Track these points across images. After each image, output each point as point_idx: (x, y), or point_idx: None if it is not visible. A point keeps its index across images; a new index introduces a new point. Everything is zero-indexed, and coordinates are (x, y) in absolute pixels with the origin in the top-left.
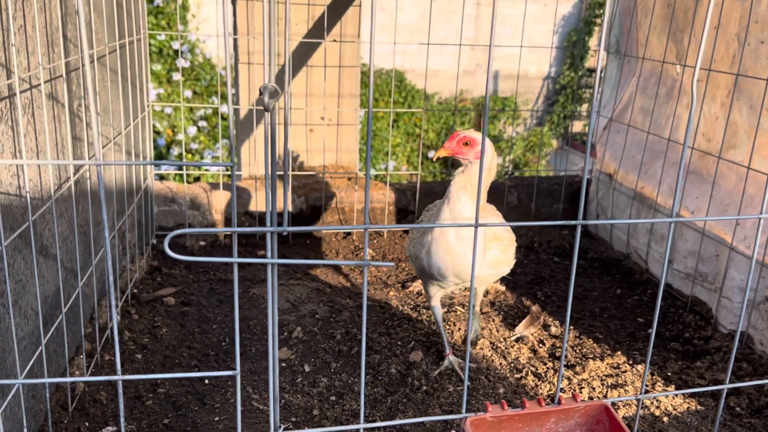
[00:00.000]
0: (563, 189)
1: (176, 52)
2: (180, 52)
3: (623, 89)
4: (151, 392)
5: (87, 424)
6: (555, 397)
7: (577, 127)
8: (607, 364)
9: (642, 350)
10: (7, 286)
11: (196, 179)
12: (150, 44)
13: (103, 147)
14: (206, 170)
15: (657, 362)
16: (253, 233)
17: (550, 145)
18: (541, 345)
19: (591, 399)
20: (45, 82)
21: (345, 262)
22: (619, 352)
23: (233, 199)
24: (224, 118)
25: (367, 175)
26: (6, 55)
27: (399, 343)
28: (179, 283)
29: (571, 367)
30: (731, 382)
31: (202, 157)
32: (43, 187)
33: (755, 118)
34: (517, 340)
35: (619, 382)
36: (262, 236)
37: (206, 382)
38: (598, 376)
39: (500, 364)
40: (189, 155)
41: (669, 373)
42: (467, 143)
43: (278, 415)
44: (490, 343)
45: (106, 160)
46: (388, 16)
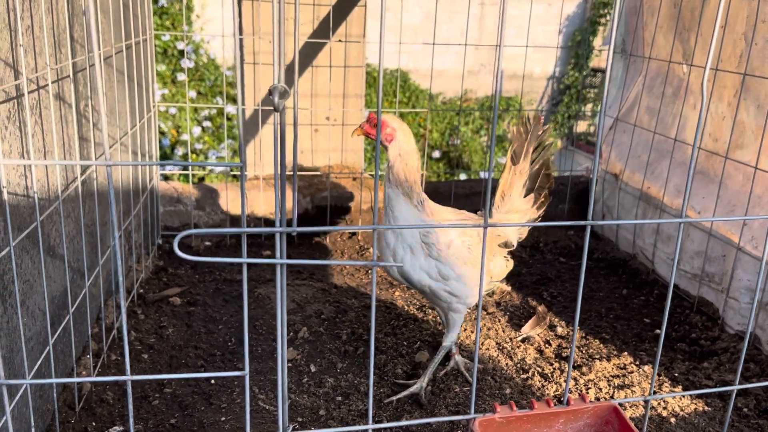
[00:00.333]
0: (568, 189)
1: (181, 52)
2: (185, 53)
3: (629, 89)
4: (158, 392)
5: (94, 423)
6: (564, 398)
7: (581, 127)
8: (614, 364)
9: (649, 351)
10: (15, 286)
11: (201, 180)
12: (155, 45)
13: (109, 147)
14: (210, 171)
15: (664, 363)
16: (258, 234)
17: (554, 145)
18: (547, 345)
19: (597, 400)
20: (52, 83)
21: (354, 263)
22: (626, 353)
23: (243, 199)
24: (229, 119)
25: (376, 176)
26: (14, 56)
27: (405, 344)
28: (185, 283)
29: (578, 367)
30: (739, 383)
31: (206, 158)
32: (50, 188)
33: (762, 118)
34: (523, 341)
35: (626, 382)
36: (267, 237)
37: (212, 382)
38: (605, 377)
39: (506, 364)
40: (193, 155)
41: (676, 374)
42: (376, 125)
43: (287, 415)
44: (497, 343)
45: (113, 160)
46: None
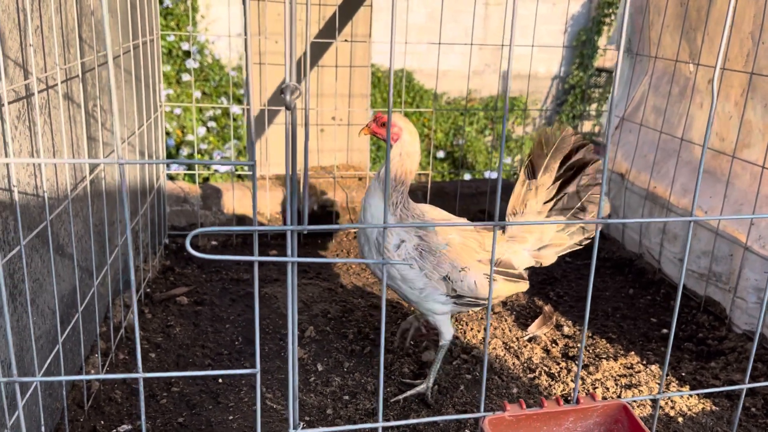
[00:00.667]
0: None
1: (186, 52)
2: (190, 53)
3: (635, 88)
4: (165, 391)
5: (102, 422)
6: (573, 397)
7: (586, 127)
8: (621, 364)
9: (655, 350)
10: (25, 285)
11: (205, 180)
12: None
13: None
14: (215, 171)
15: (671, 362)
16: (264, 233)
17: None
18: (554, 345)
19: (605, 399)
20: (61, 83)
21: (365, 261)
22: (633, 352)
23: (255, 197)
24: (234, 119)
25: (387, 174)
26: (24, 56)
27: (411, 343)
28: (192, 282)
29: (585, 367)
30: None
31: (211, 158)
32: (59, 187)
33: None
34: (529, 340)
35: (633, 382)
36: (273, 236)
37: (220, 381)
38: (612, 376)
39: (513, 363)
40: (198, 156)
41: (683, 374)
42: (384, 123)
43: (297, 414)
44: (503, 343)
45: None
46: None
